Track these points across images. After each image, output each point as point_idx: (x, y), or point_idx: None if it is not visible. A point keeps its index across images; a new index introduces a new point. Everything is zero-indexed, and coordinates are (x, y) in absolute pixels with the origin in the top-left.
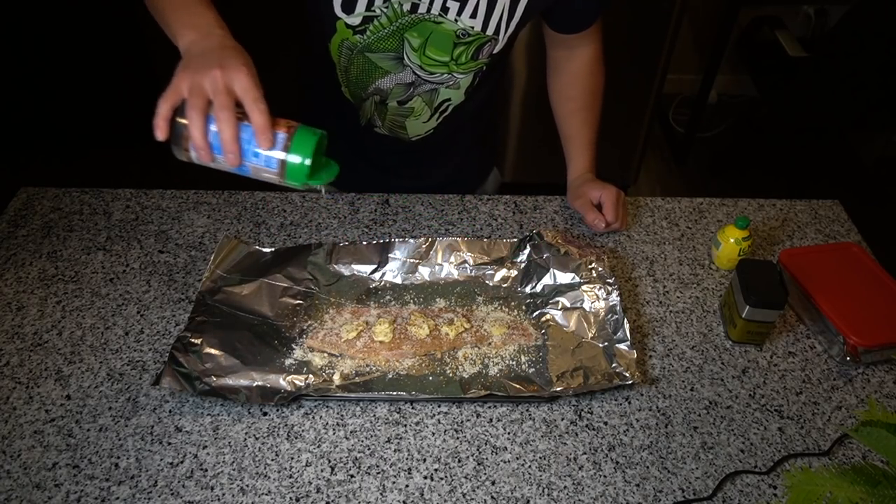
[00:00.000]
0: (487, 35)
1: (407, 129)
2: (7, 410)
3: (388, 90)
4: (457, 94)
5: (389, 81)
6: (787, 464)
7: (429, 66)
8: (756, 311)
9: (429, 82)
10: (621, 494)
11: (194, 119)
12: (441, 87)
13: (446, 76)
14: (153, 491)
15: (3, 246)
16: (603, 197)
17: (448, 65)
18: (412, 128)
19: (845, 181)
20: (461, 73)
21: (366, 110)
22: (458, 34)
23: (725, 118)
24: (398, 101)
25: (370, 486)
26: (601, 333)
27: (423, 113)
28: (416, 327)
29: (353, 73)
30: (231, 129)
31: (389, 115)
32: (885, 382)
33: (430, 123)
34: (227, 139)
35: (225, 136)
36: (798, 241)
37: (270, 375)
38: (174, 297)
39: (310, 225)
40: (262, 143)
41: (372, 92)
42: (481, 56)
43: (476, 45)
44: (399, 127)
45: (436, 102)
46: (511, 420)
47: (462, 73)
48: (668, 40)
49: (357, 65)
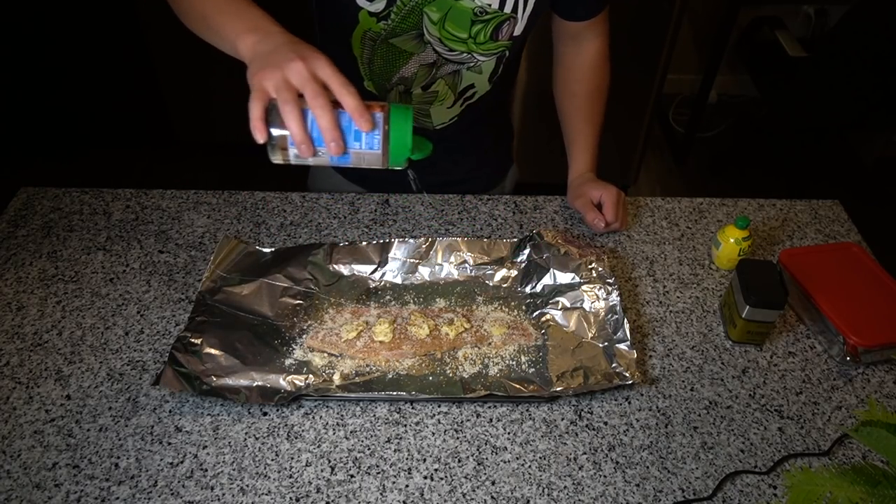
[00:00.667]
0: (505, 13)
1: (431, 116)
2: (7, 410)
3: (411, 76)
4: (480, 79)
5: (413, 66)
6: (787, 464)
7: (448, 40)
8: (756, 311)
9: (450, 62)
10: (621, 494)
11: (290, 113)
12: (463, 69)
13: (466, 55)
14: (153, 491)
15: (3, 246)
16: (603, 197)
17: (467, 42)
18: (437, 115)
19: (845, 181)
20: (481, 54)
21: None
22: (476, 12)
23: (725, 118)
24: (422, 86)
25: (370, 486)
26: (601, 333)
27: (447, 98)
28: (416, 327)
29: (377, 65)
30: (329, 115)
31: (414, 104)
32: (885, 382)
33: (454, 110)
34: (326, 126)
35: (324, 124)
36: (798, 241)
37: (270, 375)
38: (174, 297)
39: (310, 225)
40: (362, 125)
41: (396, 82)
42: (501, 37)
43: (494, 24)
44: (423, 115)
45: (459, 87)
46: (511, 420)
47: (483, 55)
48: (668, 40)
49: (380, 55)
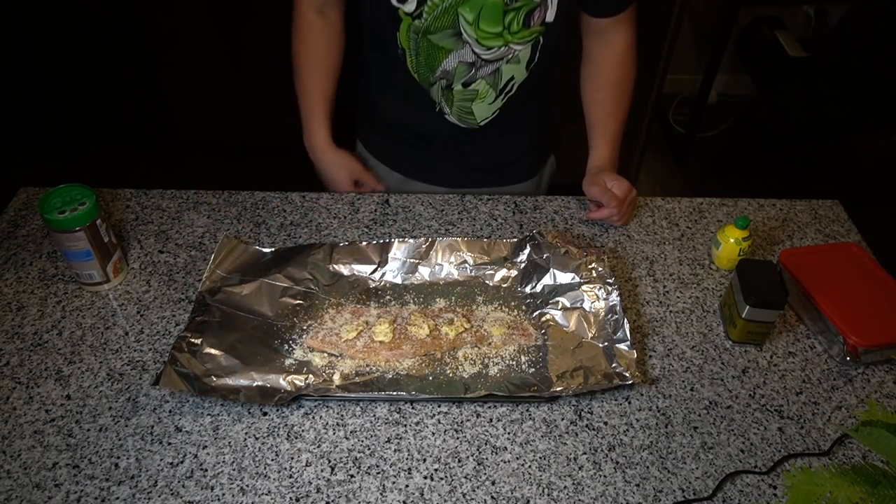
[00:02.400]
0: (534, 1)
1: (475, 113)
2: (7, 410)
3: (452, 71)
4: (518, 69)
5: (453, 61)
6: (787, 464)
7: (484, 39)
8: (756, 311)
9: (489, 62)
10: (621, 494)
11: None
12: (502, 65)
13: (504, 49)
14: (153, 491)
15: (3, 246)
16: (615, 188)
17: (502, 35)
18: (479, 111)
19: (845, 181)
20: (517, 43)
21: (435, 95)
22: (507, 1)
23: (725, 118)
24: (462, 83)
25: (370, 486)
26: (601, 333)
27: (487, 95)
28: (416, 327)
29: (422, 57)
30: None
31: (456, 102)
32: (885, 382)
33: (496, 104)
34: None
35: None
36: (798, 241)
37: (270, 375)
38: (174, 297)
39: (310, 225)
40: None
41: (439, 76)
42: (533, 23)
43: (525, 11)
44: (467, 113)
45: (500, 83)
46: (511, 420)
47: (518, 44)
48: (668, 40)
49: (423, 48)
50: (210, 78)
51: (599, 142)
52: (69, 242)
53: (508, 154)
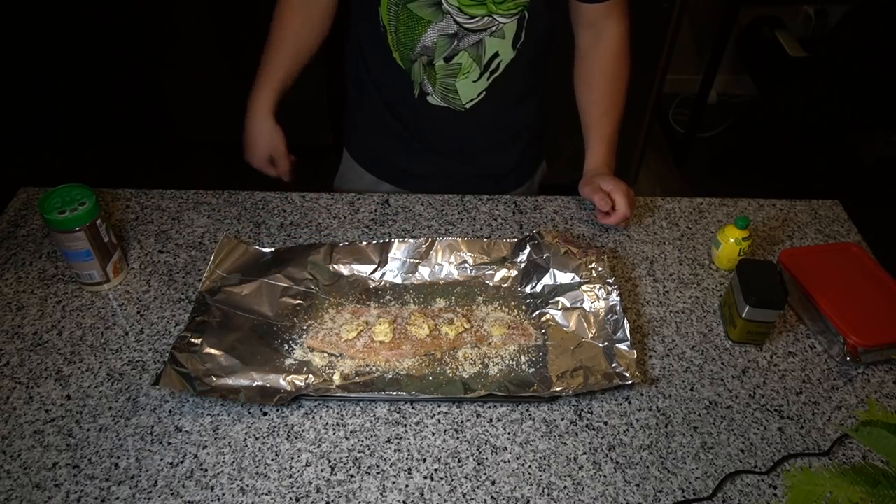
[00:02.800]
0: None
1: (459, 92)
2: (7, 410)
3: (432, 46)
4: (504, 45)
5: (433, 35)
6: (787, 464)
7: (466, 6)
8: (756, 311)
9: (471, 31)
10: (621, 494)
11: None
12: (485, 37)
13: (487, 19)
14: (153, 491)
15: (3, 246)
16: (614, 192)
17: (486, 4)
18: (463, 90)
19: (845, 181)
20: (502, 15)
21: (416, 74)
22: None
23: (725, 118)
24: (444, 57)
25: (370, 486)
26: (601, 333)
27: (471, 70)
28: (416, 327)
29: (402, 32)
30: None
31: (439, 79)
32: (885, 382)
33: (481, 84)
34: None
35: None
36: (798, 241)
37: (270, 375)
38: (174, 297)
39: (310, 225)
40: None
41: (419, 52)
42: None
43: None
44: (451, 91)
45: (484, 58)
46: (511, 420)
47: (503, 16)
48: (668, 40)
49: (403, 21)
50: (210, 78)
51: (595, 143)
52: (69, 242)
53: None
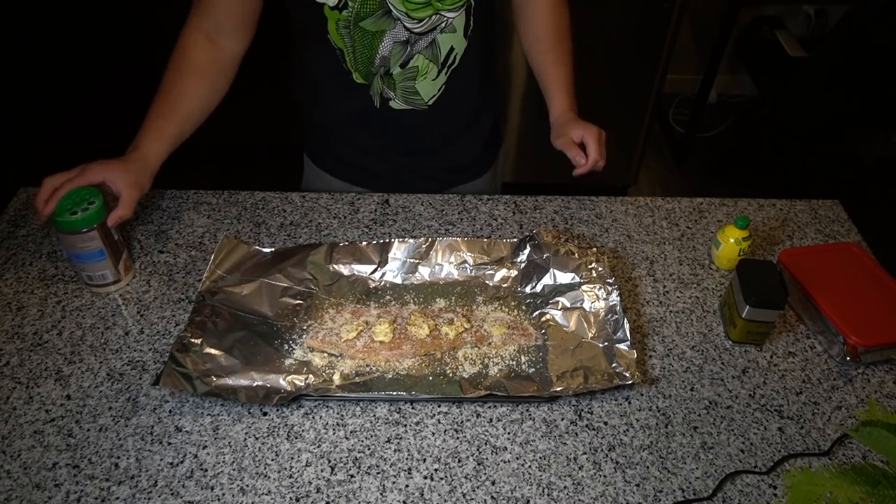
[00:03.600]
0: None
1: (420, 92)
2: (7, 410)
3: (388, 55)
4: (457, 38)
5: (387, 44)
6: (787, 464)
7: (413, 10)
8: (756, 311)
9: (422, 35)
10: (621, 494)
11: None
12: (437, 35)
13: (435, 17)
14: (153, 491)
15: (3, 246)
16: (585, 137)
17: (431, 3)
18: (424, 89)
19: (845, 181)
20: (448, 9)
21: (375, 87)
22: None
23: (725, 118)
24: (400, 64)
25: (370, 486)
26: (601, 333)
27: (429, 70)
28: (416, 327)
29: (359, 51)
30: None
31: (399, 85)
32: (885, 382)
33: (440, 80)
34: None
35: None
36: (798, 241)
37: (270, 375)
38: (174, 297)
39: (310, 225)
40: None
41: (378, 64)
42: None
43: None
44: (412, 93)
45: (441, 56)
46: (511, 420)
47: (450, 10)
48: (668, 40)
49: (358, 40)
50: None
51: (554, 93)
52: (82, 244)
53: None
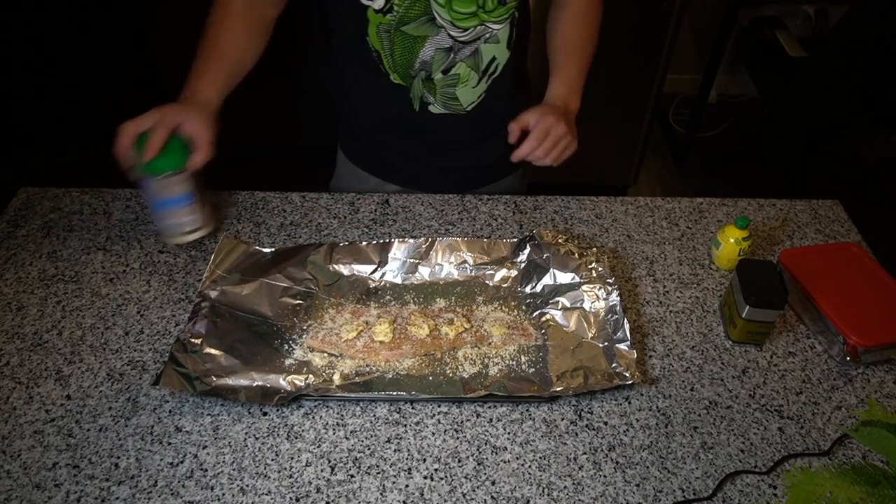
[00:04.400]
0: None
1: (459, 99)
2: (7, 410)
3: (430, 61)
4: (499, 49)
5: (430, 50)
6: (787, 464)
7: (459, 20)
8: (756, 311)
9: (466, 44)
10: (621, 494)
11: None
12: (481, 45)
13: (480, 28)
14: (153, 491)
15: (3, 246)
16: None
17: (478, 14)
18: (464, 96)
19: (845, 181)
20: (494, 21)
21: (416, 90)
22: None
23: (725, 118)
24: (442, 70)
25: (370, 486)
26: (601, 333)
27: (470, 78)
28: (416, 327)
29: (398, 54)
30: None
31: (439, 90)
32: (885, 382)
33: (481, 87)
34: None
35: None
36: (798, 241)
37: (270, 375)
38: (174, 297)
39: (310, 225)
40: None
41: (418, 68)
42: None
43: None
44: (451, 98)
45: (482, 65)
46: (511, 420)
47: (496, 22)
48: (668, 40)
49: (398, 43)
50: None
51: (554, 81)
52: (171, 187)
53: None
